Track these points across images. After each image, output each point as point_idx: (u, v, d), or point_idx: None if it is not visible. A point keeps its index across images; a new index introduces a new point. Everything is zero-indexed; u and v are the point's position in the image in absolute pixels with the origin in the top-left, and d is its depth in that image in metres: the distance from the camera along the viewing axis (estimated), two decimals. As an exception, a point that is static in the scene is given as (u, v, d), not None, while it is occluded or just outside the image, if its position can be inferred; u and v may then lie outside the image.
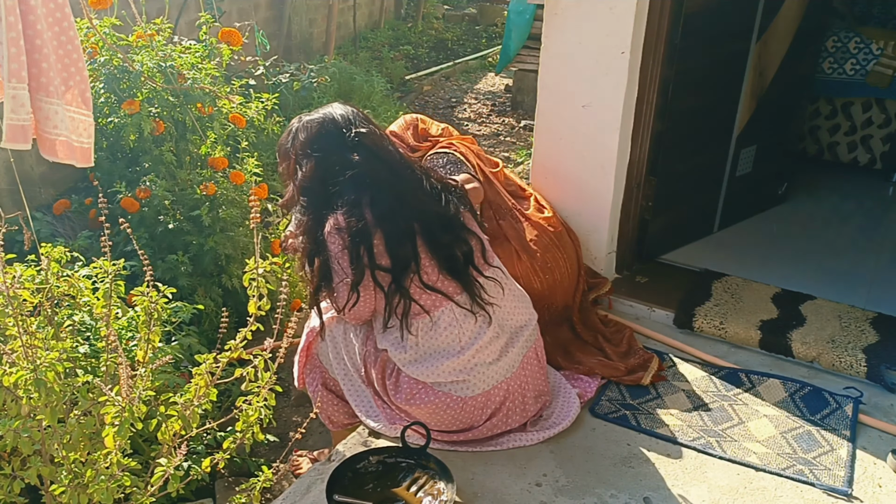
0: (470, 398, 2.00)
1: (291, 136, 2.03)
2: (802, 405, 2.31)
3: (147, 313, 1.89)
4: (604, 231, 2.87)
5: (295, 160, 2.01)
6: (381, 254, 1.92)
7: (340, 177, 1.94)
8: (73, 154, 2.17)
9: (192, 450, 2.24)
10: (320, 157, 1.96)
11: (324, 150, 1.97)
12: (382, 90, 6.33)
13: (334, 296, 1.97)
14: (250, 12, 5.85)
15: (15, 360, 1.63)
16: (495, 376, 2.01)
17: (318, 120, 2.01)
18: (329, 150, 1.97)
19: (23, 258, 2.08)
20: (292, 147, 2.02)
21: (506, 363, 2.03)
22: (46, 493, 1.72)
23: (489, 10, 10.02)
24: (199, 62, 3.26)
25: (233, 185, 3.15)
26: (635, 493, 1.94)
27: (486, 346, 2.00)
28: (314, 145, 1.98)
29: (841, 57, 4.07)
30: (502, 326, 2.05)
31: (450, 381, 1.98)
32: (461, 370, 1.97)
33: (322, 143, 1.98)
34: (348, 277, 1.92)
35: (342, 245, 1.91)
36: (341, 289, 1.95)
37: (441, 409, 2.00)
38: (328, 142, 1.97)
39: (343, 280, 1.93)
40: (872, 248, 3.39)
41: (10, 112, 1.98)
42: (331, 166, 1.95)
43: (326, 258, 1.94)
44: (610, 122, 2.70)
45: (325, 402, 2.20)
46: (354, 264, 1.91)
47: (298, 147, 2.00)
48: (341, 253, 1.92)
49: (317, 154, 1.97)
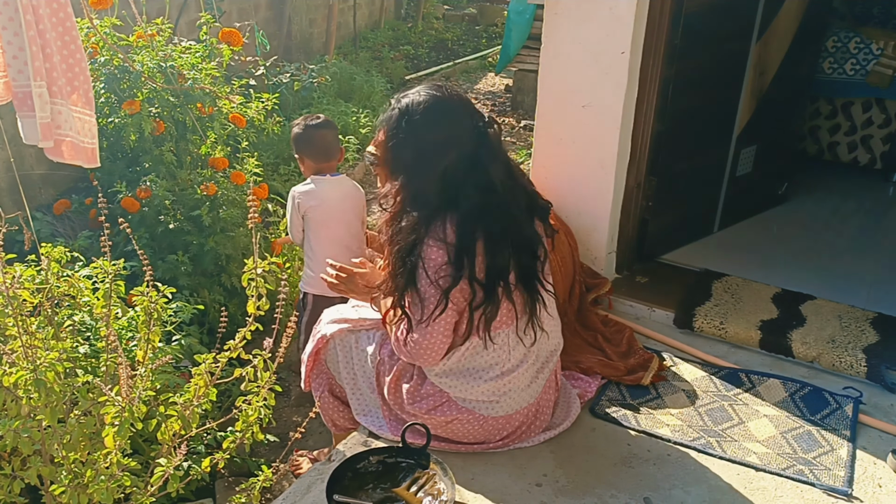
0: (492, 418, 1.97)
1: (402, 118, 1.79)
2: (802, 405, 2.31)
3: (147, 313, 1.89)
4: (604, 231, 2.87)
5: (409, 146, 1.79)
6: (479, 268, 1.79)
7: (463, 172, 1.76)
8: (79, 155, 2.17)
9: (191, 450, 2.24)
10: (443, 143, 1.76)
11: (449, 138, 1.77)
12: (382, 90, 6.34)
13: (415, 306, 1.80)
14: (250, 12, 5.85)
15: (15, 360, 1.64)
16: (521, 401, 1.99)
17: (433, 101, 1.78)
18: (455, 138, 1.77)
19: (23, 258, 2.08)
20: (406, 131, 1.79)
21: (534, 388, 2.01)
22: (46, 493, 1.72)
23: (489, 10, 10.03)
24: (200, 62, 3.26)
25: (233, 185, 3.15)
26: (635, 493, 1.94)
27: (525, 371, 1.96)
28: (437, 131, 1.77)
29: (841, 57, 4.07)
30: (539, 352, 2.01)
31: (478, 400, 1.94)
32: (494, 392, 1.93)
33: (448, 132, 1.77)
34: (437, 294, 1.77)
35: (444, 260, 1.75)
36: (428, 301, 1.78)
37: (461, 423, 1.97)
38: (454, 130, 1.78)
39: (432, 295, 1.77)
40: (872, 248, 3.39)
41: (39, 111, 1.98)
42: (455, 157, 1.75)
43: (417, 261, 1.77)
44: (610, 122, 2.70)
45: (329, 407, 2.18)
46: (453, 277, 1.76)
47: (416, 133, 1.77)
48: (442, 267, 1.76)
49: (440, 140, 1.76)
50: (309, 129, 2.65)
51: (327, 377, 2.16)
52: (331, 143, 2.68)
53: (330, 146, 2.68)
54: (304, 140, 2.65)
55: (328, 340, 2.10)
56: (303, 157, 2.68)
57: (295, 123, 2.71)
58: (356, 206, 2.70)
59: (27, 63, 1.96)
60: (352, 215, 2.68)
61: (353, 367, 2.08)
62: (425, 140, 1.78)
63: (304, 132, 2.65)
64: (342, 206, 2.65)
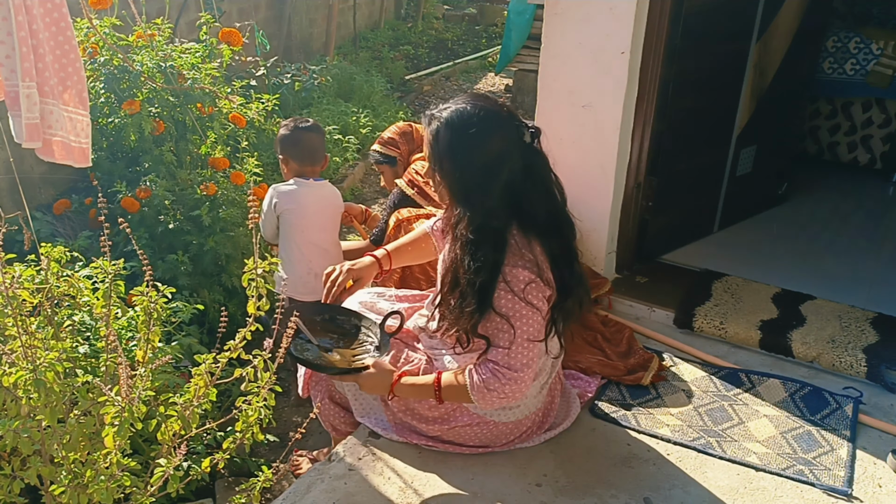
0: (502, 423, 1.97)
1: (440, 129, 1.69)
2: (802, 405, 2.31)
3: (147, 313, 1.88)
4: (604, 231, 2.87)
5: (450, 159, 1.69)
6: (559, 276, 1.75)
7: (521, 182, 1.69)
8: (70, 154, 2.17)
9: (191, 450, 2.24)
10: (495, 159, 1.67)
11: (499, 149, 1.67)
12: (382, 90, 6.34)
13: (502, 332, 1.71)
14: (250, 12, 5.85)
15: (14, 360, 1.63)
16: (532, 406, 1.99)
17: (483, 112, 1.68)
18: (506, 151, 1.68)
19: (23, 258, 2.08)
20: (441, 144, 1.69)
21: (543, 393, 2.01)
22: (46, 494, 1.72)
23: (489, 10, 10.03)
24: (200, 62, 3.26)
25: (233, 185, 3.15)
26: (635, 493, 1.94)
27: (541, 379, 1.95)
28: (486, 144, 1.67)
29: (841, 57, 4.07)
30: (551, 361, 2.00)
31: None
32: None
33: (496, 143, 1.68)
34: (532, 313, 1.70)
35: (530, 278, 1.69)
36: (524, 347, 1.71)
37: (470, 427, 1.96)
38: (502, 141, 1.68)
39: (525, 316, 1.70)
40: (872, 248, 3.39)
41: (26, 111, 1.98)
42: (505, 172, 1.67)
43: (495, 284, 1.68)
44: (610, 122, 2.70)
45: (330, 413, 2.17)
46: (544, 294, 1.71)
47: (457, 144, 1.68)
48: (530, 285, 1.69)
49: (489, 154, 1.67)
50: (297, 131, 2.63)
51: (326, 384, 2.14)
52: (317, 147, 2.67)
53: (316, 150, 2.66)
54: (290, 141, 2.63)
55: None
56: (287, 159, 2.66)
57: (283, 125, 2.69)
58: (335, 214, 2.70)
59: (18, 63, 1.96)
60: (330, 222, 2.68)
61: None
62: (482, 152, 1.68)
63: (291, 133, 2.63)
64: (322, 212, 2.64)
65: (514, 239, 1.72)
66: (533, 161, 1.74)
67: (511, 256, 1.71)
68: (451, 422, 1.95)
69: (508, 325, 1.70)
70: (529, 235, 1.73)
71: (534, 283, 1.70)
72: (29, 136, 2.00)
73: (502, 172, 1.69)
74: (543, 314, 1.74)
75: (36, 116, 2.00)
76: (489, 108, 1.71)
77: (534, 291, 1.71)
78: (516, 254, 1.71)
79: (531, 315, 1.71)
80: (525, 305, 1.70)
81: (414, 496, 1.90)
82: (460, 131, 1.68)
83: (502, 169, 1.69)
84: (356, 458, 2.03)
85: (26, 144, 2.01)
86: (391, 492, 1.91)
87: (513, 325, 1.70)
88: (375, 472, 1.98)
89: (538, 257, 1.72)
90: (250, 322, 1.78)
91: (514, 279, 1.69)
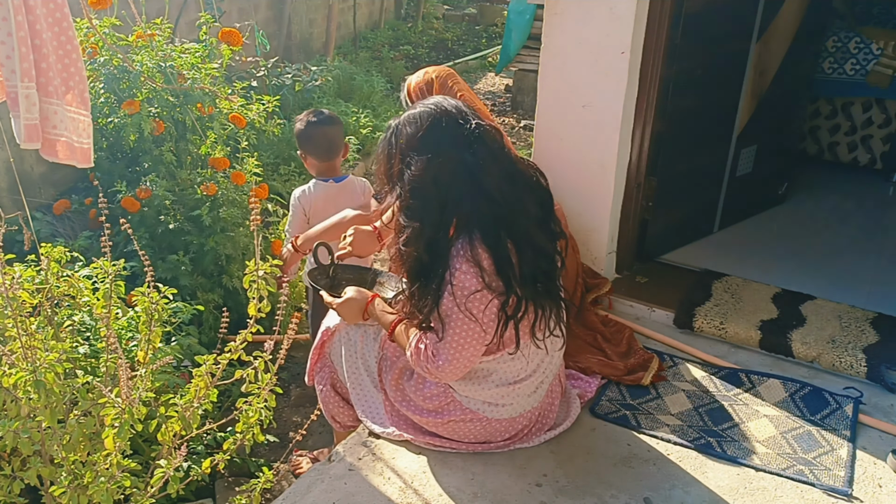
0: (496, 420, 1.97)
1: (393, 132, 1.81)
2: (802, 405, 2.31)
3: (147, 314, 1.88)
4: (604, 231, 2.87)
5: (400, 158, 1.78)
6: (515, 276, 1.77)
7: (458, 178, 1.74)
8: (73, 155, 2.17)
9: (192, 450, 2.24)
10: (434, 155, 1.73)
11: (438, 145, 1.74)
12: (382, 90, 6.34)
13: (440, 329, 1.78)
14: (250, 12, 5.85)
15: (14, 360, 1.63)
16: (526, 405, 1.99)
17: (430, 112, 1.78)
18: (444, 145, 1.74)
19: (23, 258, 2.08)
20: (396, 144, 1.79)
21: (539, 393, 2.01)
22: (46, 494, 1.72)
23: (489, 10, 10.03)
24: (199, 62, 3.26)
25: (233, 186, 3.15)
26: (635, 493, 1.94)
27: (535, 378, 1.96)
28: (426, 140, 1.75)
29: (841, 57, 4.07)
30: (552, 358, 2.00)
31: (484, 402, 1.94)
32: (502, 396, 1.93)
33: (436, 138, 1.75)
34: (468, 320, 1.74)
35: (475, 287, 1.72)
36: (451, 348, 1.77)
37: (464, 423, 1.97)
38: (443, 136, 1.75)
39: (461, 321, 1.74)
40: (872, 248, 3.39)
41: (25, 112, 1.98)
42: (445, 165, 1.73)
43: (442, 281, 1.75)
44: (610, 122, 2.70)
45: (331, 402, 2.18)
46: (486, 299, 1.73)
47: (405, 143, 1.77)
48: (474, 294, 1.72)
49: (429, 150, 1.74)
50: (310, 126, 2.62)
51: (330, 371, 2.16)
52: (333, 139, 2.65)
53: (332, 143, 2.64)
54: (304, 137, 2.63)
55: (333, 333, 2.11)
56: (305, 155, 2.66)
57: (297, 119, 2.69)
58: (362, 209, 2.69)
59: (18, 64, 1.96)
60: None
61: (357, 362, 2.08)
62: (411, 149, 1.76)
63: (305, 129, 2.62)
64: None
65: (465, 241, 1.74)
66: (466, 159, 1.75)
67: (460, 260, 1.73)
68: (446, 415, 1.96)
69: (443, 326, 1.78)
70: (475, 240, 1.74)
71: (479, 292, 1.73)
72: (28, 137, 2.00)
73: (430, 169, 1.74)
74: (484, 323, 1.76)
75: (35, 117, 2.00)
76: (438, 107, 1.78)
77: (476, 302, 1.74)
78: (466, 258, 1.72)
79: (466, 324, 1.75)
80: (462, 314, 1.74)
81: (414, 496, 1.90)
82: (408, 125, 1.79)
83: (430, 165, 1.74)
84: (356, 458, 2.03)
85: (25, 145, 2.01)
86: (391, 492, 1.91)
87: (445, 329, 1.77)
88: (375, 472, 1.98)
89: (483, 263, 1.72)
90: (251, 324, 1.78)
91: (460, 286, 1.73)
